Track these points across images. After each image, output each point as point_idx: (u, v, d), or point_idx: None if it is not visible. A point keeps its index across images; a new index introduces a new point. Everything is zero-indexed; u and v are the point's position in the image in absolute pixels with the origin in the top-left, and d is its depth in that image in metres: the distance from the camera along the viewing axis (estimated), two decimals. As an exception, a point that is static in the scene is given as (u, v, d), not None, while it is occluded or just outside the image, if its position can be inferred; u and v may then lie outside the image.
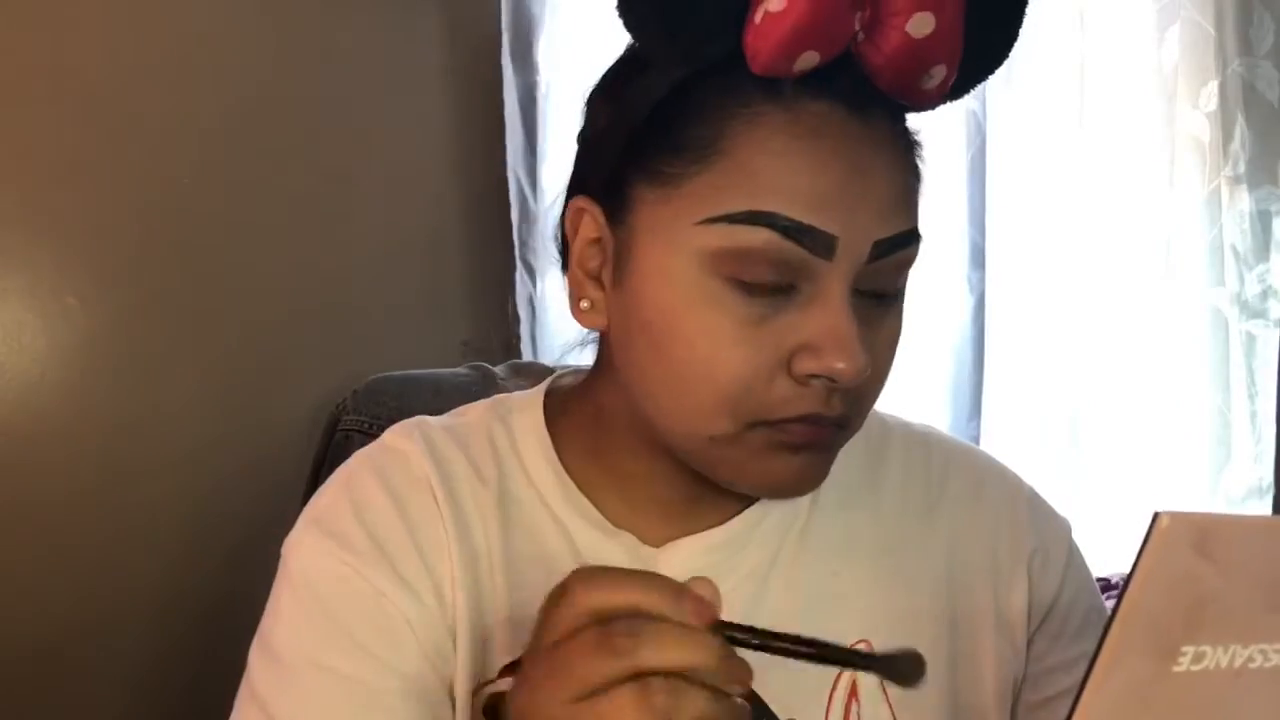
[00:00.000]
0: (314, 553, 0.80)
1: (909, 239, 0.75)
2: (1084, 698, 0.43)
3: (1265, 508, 1.91)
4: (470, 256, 1.77)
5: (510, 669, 0.77)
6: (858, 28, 0.72)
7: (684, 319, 0.73)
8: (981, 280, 1.87)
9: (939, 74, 0.74)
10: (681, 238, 0.74)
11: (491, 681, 0.79)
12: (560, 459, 0.84)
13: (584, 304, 0.80)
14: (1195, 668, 0.46)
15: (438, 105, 1.75)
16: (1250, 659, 0.47)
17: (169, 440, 1.58)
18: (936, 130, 1.78)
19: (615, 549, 0.82)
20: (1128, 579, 0.44)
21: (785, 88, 0.73)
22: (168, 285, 1.59)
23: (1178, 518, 0.43)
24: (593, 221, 0.79)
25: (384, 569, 0.79)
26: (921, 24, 0.71)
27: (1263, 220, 1.90)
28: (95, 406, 1.56)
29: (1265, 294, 1.91)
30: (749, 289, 0.73)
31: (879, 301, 0.76)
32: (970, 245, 1.88)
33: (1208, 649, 0.46)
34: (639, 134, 0.76)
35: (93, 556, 1.54)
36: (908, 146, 0.78)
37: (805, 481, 0.78)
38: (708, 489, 0.80)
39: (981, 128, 1.85)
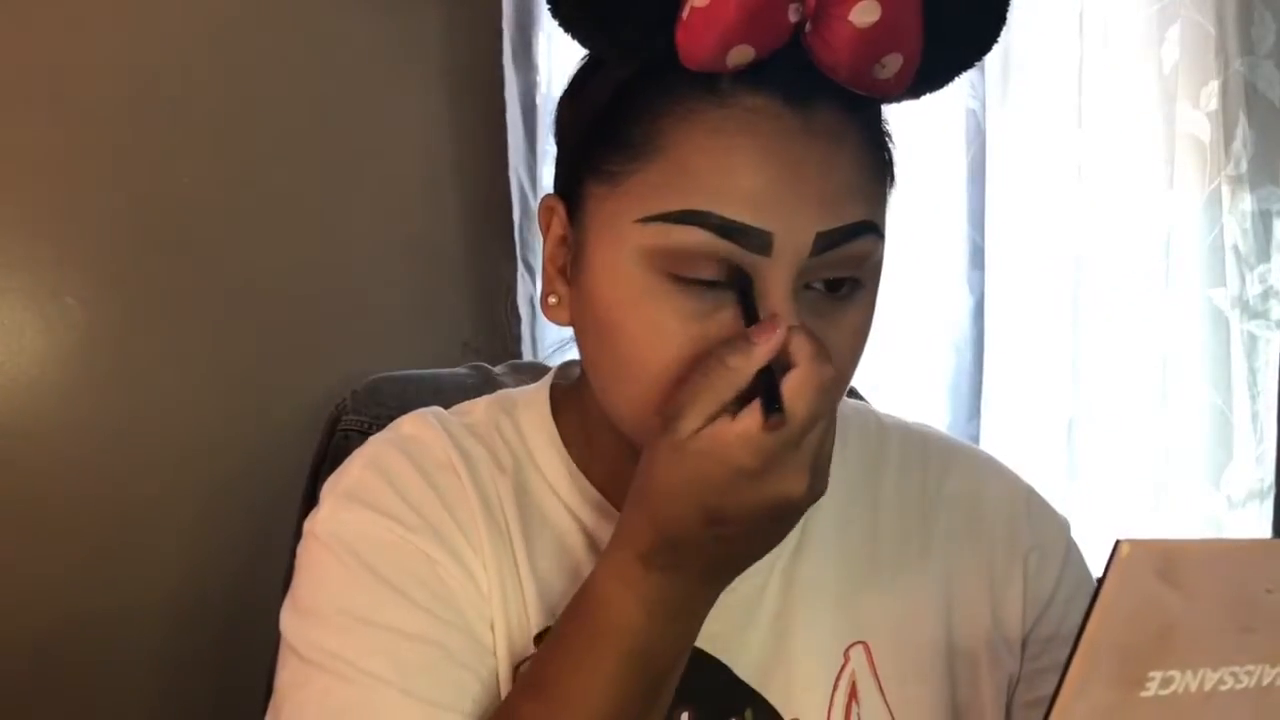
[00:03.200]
0: (354, 522, 0.80)
1: (860, 230, 0.74)
2: (1049, 727, 0.44)
3: (1266, 509, 1.90)
4: (470, 256, 1.76)
5: (542, 640, 0.79)
6: (795, 19, 0.71)
7: (628, 315, 0.74)
8: (981, 280, 1.86)
9: (893, 63, 0.72)
10: (623, 235, 0.74)
11: (529, 659, 0.80)
12: (566, 449, 0.85)
13: (552, 299, 0.81)
14: (1164, 692, 0.46)
15: (438, 105, 1.74)
16: (1221, 681, 0.47)
17: (169, 440, 1.58)
18: (936, 130, 1.80)
19: None
20: (1089, 608, 0.43)
21: (722, 83, 0.73)
22: (168, 285, 1.59)
23: (1139, 545, 0.43)
24: (559, 220, 0.80)
25: (430, 537, 0.80)
26: (865, 12, 0.70)
27: (1264, 220, 1.89)
28: (95, 406, 1.57)
29: (1266, 294, 1.89)
30: (690, 285, 0.73)
31: (834, 295, 0.75)
32: (970, 246, 1.87)
33: (1176, 674, 0.46)
34: (589, 133, 0.77)
35: (92, 557, 1.55)
36: (868, 139, 0.77)
37: None
38: None
39: (981, 128, 1.84)
